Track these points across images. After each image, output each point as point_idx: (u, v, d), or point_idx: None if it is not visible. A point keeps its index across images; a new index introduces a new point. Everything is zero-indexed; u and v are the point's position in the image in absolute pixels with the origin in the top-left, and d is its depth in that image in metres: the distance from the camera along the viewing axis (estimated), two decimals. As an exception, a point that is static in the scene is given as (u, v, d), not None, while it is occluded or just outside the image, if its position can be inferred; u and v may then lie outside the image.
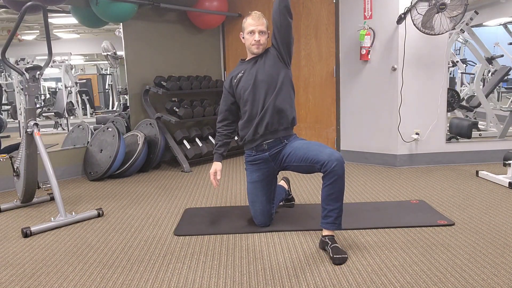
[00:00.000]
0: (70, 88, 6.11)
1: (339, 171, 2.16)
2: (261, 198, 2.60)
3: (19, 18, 2.83)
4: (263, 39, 2.47)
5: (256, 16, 2.47)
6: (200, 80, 5.06)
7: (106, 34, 5.88)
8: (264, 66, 2.48)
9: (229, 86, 2.61)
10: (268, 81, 2.46)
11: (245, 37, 2.52)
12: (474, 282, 1.89)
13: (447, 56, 4.15)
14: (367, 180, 3.82)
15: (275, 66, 2.47)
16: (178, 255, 2.31)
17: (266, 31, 2.49)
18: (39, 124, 3.04)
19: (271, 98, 2.45)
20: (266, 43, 2.51)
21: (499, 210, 2.87)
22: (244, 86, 2.51)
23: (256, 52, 2.50)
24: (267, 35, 2.50)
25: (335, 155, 2.18)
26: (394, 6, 4.03)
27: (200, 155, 4.67)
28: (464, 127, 4.67)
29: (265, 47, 2.52)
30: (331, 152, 2.21)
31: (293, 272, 2.05)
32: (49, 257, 2.34)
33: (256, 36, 2.45)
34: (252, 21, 2.46)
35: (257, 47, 2.47)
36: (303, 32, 4.77)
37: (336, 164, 2.15)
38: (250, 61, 2.56)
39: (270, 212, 2.64)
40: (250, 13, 2.51)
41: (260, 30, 2.45)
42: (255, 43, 2.46)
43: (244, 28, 2.51)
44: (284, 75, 2.48)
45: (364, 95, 4.38)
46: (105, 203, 3.35)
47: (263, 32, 2.47)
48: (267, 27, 2.49)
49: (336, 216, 2.23)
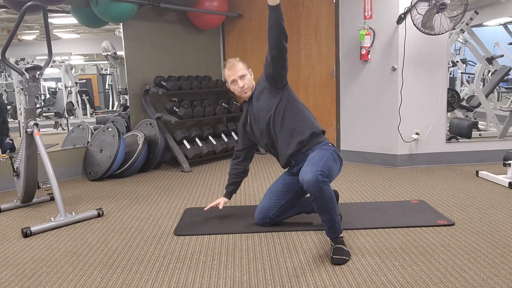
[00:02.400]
0: (70, 88, 6.12)
1: (313, 192, 2.13)
2: (270, 195, 2.62)
3: (19, 18, 2.83)
4: (246, 82, 2.48)
5: (231, 65, 2.48)
6: (200, 80, 5.06)
7: (106, 34, 5.88)
8: (259, 106, 2.48)
9: (245, 131, 2.65)
10: (269, 120, 2.45)
11: (230, 87, 2.53)
12: (474, 282, 1.89)
13: (447, 56, 4.15)
14: (367, 180, 3.82)
15: (271, 100, 2.45)
16: (178, 255, 2.31)
17: (247, 71, 2.49)
18: (39, 124, 3.04)
19: (279, 132, 2.45)
20: (252, 82, 2.51)
21: (499, 210, 2.87)
22: (256, 133, 2.56)
23: (246, 96, 2.53)
24: (249, 74, 2.50)
25: (307, 176, 2.12)
26: (394, 6, 4.03)
27: (200, 155, 4.67)
28: (464, 127, 4.67)
29: (252, 87, 2.52)
30: (305, 172, 2.15)
31: (293, 272, 2.05)
32: (49, 257, 2.34)
33: (239, 84, 2.46)
34: (229, 72, 2.48)
35: (244, 92, 2.50)
36: (303, 32, 4.77)
37: (307, 187, 2.13)
38: (249, 102, 2.57)
39: (267, 214, 2.60)
40: (225, 64, 2.53)
41: (240, 75, 2.46)
42: (241, 90, 2.48)
43: (226, 80, 2.54)
44: (281, 101, 2.44)
45: (364, 95, 4.38)
46: (105, 203, 3.35)
47: (244, 76, 2.47)
48: (245, 67, 2.50)
49: (329, 227, 2.23)
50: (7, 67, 6.36)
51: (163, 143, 4.54)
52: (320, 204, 2.16)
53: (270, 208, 2.61)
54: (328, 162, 2.27)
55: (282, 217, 2.66)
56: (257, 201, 3.20)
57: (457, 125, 4.79)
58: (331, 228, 2.23)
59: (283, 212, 2.64)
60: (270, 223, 2.64)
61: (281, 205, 2.60)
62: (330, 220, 2.20)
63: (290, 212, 2.67)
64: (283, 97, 2.45)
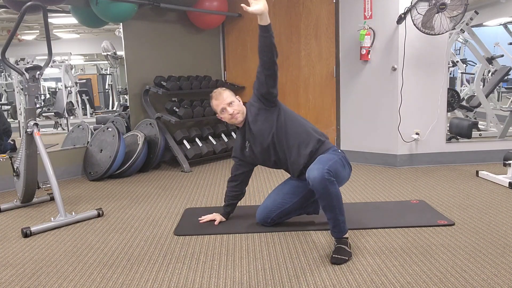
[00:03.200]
0: (70, 88, 6.12)
1: (319, 189, 2.13)
2: (276, 197, 2.61)
3: (19, 18, 2.83)
4: (235, 108, 2.47)
5: (217, 94, 2.50)
6: (200, 80, 5.06)
7: (106, 34, 5.89)
8: (258, 130, 2.47)
9: (244, 156, 2.61)
10: (273, 138, 2.44)
11: (221, 116, 2.52)
12: (474, 282, 1.89)
13: (447, 56, 4.15)
14: (367, 180, 3.82)
15: (269, 118, 2.45)
16: (178, 255, 2.31)
17: (234, 99, 2.49)
18: (39, 124, 3.04)
19: (286, 147, 2.45)
20: (241, 107, 2.50)
21: (499, 210, 2.87)
22: (259, 155, 2.53)
23: (238, 123, 2.51)
24: (237, 99, 2.51)
25: (313, 173, 2.14)
26: (394, 6, 4.03)
27: (200, 155, 4.67)
28: (464, 127, 4.67)
29: (243, 111, 2.50)
30: (312, 169, 2.17)
31: (293, 272, 2.05)
32: (49, 257, 2.34)
33: (228, 111, 2.46)
34: (216, 101, 2.48)
35: (235, 118, 2.48)
36: (303, 32, 4.77)
37: (313, 184, 2.13)
38: (244, 126, 2.54)
39: (270, 215, 2.59)
40: (211, 95, 2.53)
41: (228, 102, 2.46)
42: (231, 117, 2.47)
43: (215, 110, 2.53)
44: (279, 116, 2.45)
45: (364, 95, 4.38)
46: (105, 203, 3.35)
47: (232, 103, 2.47)
48: (232, 94, 2.51)
49: (333, 225, 2.23)
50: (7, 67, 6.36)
51: (163, 143, 4.54)
52: (325, 202, 2.17)
53: (274, 209, 2.59)
54: (336, 165, 2.28)
55: (284, 219, 2.65)
56: (258, 201, 3.20)
57: (457, 125, 4.79)
58: (335, 227, 2.23)
59: (286, 214, 2.62)
60: (272, 223, 2.62)
61: (285, 207, 2.57)
62: (335, 219, 2.20)
63: (293, 214, 2.66)
64: (280, 112, 2.46)
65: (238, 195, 2.74)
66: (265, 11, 2.20)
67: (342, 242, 2.22)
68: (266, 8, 2.19)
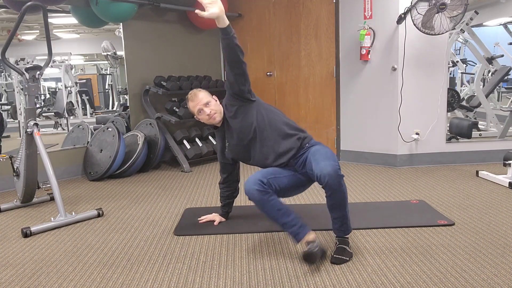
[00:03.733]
0: (70, 88, 6.12)
1: (333, 185, 2.08)
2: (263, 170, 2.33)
3: (19, 18, 2.83)
4: (212, 108, 2.42)
5: (193, 95, 2.46)
6: (200, 80, 5.06)
7: (106, 34, 5.88)
8: (237, 127, 2.42)
9: (224, 159, 2.60)
10: (255, 131, 2.38)
11: (198, 118, 2.48)
12: (474, 282, 1.89)
13: (447, 56, 4.15)
14: (367, 180, 3.82)
15: (245, 117, 2.39)
16: (178, 255, 2.31)
17: (211, 99, 2.46)
18: (39, 124, 3.04)
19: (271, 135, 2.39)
20: (218, 107, 2.46)
21: (499, 210, 2.87)
22: (241, 152, 2.48)
23: (216, 122, 2.47)
24: (213, 99, 2.48)
25: (327, 169, 2.07)
26: (394, 6, 4.03)
27: (200, 155, 4.67)
28: (464, 127, 4.67)
29: (220, 111, 2.45)
30: (324, 165, 2.11)
31: (293, 272, 2.05)
32: (49, 257, 2.34)
33: (205, 111, 2.41)
34: (192, 103, 2.45)
35: (213, 118, 2.43)
36: (303, 32, 4.77)
37: (328, 180, 2.06)
38: (222, 126, 2.51)
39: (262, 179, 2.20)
40: (187, 97, 2.49)
41: (204, 103, 2.42)
42: (209, 117, 2.43)
43: (193, 112, 2.49)
44: (258, 109, 2.40)
45: (364, 95, 4.38)
46: (105, 203, 3.35)
47: (208, 103, 2.43)
48: (209, 95, 2.47)
49: (341, 223, 2.22)
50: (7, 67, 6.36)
51: (163, 143, 4.54)
52: (337, 199, 2.14)
53: (266, 174, 2.26)
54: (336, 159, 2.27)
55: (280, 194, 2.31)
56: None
57: (457, 125, 4.79)
58: (343, 226, 2.22)
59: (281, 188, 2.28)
60: (266, 188, 2.18)
61: (278, 177, 2.29)
62: (343, 216, 2.20)
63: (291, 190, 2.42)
64: (259, 107, 2.42)
65: (231, 194, 2.74)
66: (221, 14, 2.12)
67: (344, 243, 2.22)
68: (222, 11, 2.12)
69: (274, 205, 2.17)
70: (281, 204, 2.18)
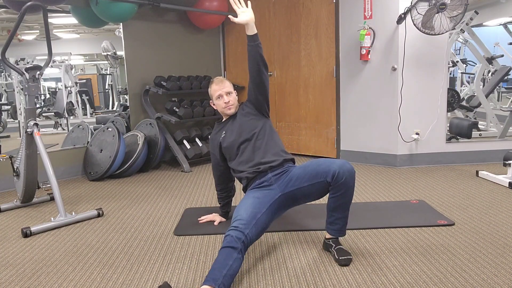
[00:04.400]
0: (70, 88, 6.11)
1: (350, 182, 2.10)
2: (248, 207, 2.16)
3: (19, 18, 2.83)
4: (232, 99, 2.51)
5: (219, 81, 2.54)
6: (200, 80, 5.06)
7: (106, 34, 5.88)
8: (243, 123, 2.47)
9: (216, 148, 2.58)
10: (253, 135, 2.43)
11: (215, 103, 2.56)
12: (474, 282, 1.89)
13: (447, 56, 4.15)
14: (367, 180, 3.82)
15: (253, 121, 2.47)
16: (178, 255, 2.31)
17: (233, 90, 2.54)
18: (39, 124, 3.04)
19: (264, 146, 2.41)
20: (236, 101, 2.55)
21: (499, 210, 2.87)
22: (230, 142, 2.48)
23: (229, 113, 2.53)
24: (234, 93, 2.55)
25: (346, 166, 2.11)
26: (394, 6, 4.03)
27: (200, 155, 4.67)
28: (464, 127, 4.67)
29: (236, 106, 2.54)
30: (342, 163, 2.14)
31: (293, 272, 2.05)
32: (49, 257, 2.34)
33: (224, 99, 2.49)
34: (216, 87, 2.52)
35: (228, 108, 2.50)
36: (303, 32, 4.77)
37: (348, 176, 2.09)
38: (228, 120, 2.57)
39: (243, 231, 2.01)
40: (212, 81, 2.57)
41: (226, 91, 2.50)
42: (225, 106, 2.50)
43: (212, 95, 2.55)
44: (264, 125, 2.48)
45: (364, 95, 4.38)
46: (105, 203, 3.35)
47: (230, 93, 2.51)
48: (232, 87, 2.55)
49: (343, 224, 2.22)
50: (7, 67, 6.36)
51: (163, 143, 4.54)
52: (347, 197, 2.15)
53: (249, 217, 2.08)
54: None
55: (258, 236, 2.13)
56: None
57: (457, 125, 4.79)
58: (345, 226, 2.23)
59: (261, 230, 2.12)
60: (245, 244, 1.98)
61: (258, 218, 2.10)
62: (346, 217, 2.21)
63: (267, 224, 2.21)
64: (266, 124, 2.49)
65: (228, 194, 2.75)
66: (251, 21, 2.32)
67: (339, 243, 2.23)
68: (252, 18, 2.32)
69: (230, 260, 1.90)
70: (234, 268, 1.89)
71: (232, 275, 1.86)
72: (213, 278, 1.80)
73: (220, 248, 1.94)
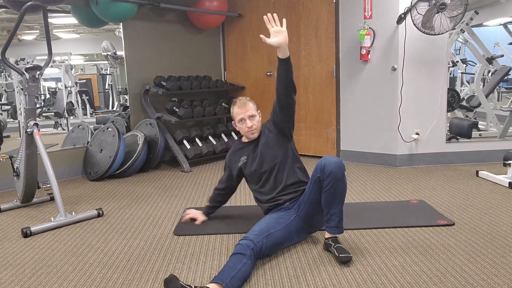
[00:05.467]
0: (70, 88, 6.12)
1: (337, 173, 2.13)
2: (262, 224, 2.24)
3: (19, 18, 2.83)
4: (255, 124, 2.44)
5: (242, 103, 2.45)
6: (200, 80, 5.06)
7: (106, 34, 5.89)
8: (264, 152, 2.45)
9: (234, 167, 2.60)
10: (274, 166, 2.43)
11: (237, 126, 2.49)
12: (474, 282, 1.89)
13: (447, 56, 4.15)
14: (367, 180, 3.82)
15: (275, 149, 2.44)
16: (178, 255, 2.31)
17: (256, 113, 2.47)
18: (39, 124, 3.04)
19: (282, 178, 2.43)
20: (259, 125, 2.49)
21: (499, 210, 2.87)
22: (251, 171, 2.50)
23: (252, 137, 2.49)
24: (258, 116, 2.48)
25: (332, 158, 2.17)
26: (394, 6, 4.03)
27: (200, 155, 4.67)
28: (464, 127, 4.68)
29: (260, 129, 2.50)
30: (329, 157, 2.20)
31: (293, 272, 2.05)
32: (49, 257, 2.34)
33: (247, 123, 2.43)
34: (239, 110, 2.44)
35: (251, 133, 2.46)
36: (303, 32, 4.77)
37: (333, 167, 2.12)
38: (250, 144, 2.53)
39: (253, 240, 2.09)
40: (235, 101, 2.49)
41: (249, 115, 2.43)
42: (248, 130, 2.44)
43: (234, 117, 2.48)
44: (287, 150, 2.45)
45: (364, 95, 4.38)
46: (105, 203, 3.35)
47: (253, 116, 2.44)
48: (255, 109, 2.47)
49: (338, 220, 2.22)
50: (7, 67, 6.36)
51: (163, 143, 4.54)
52: (338, 190, 2.16)
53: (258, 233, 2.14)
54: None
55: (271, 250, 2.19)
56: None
57: (457, 125, 4.79)
58: (340, 221, 2.23)
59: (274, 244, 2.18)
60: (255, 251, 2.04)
61: (270, 232, 2.17)
62: (341, 212, 2.22)
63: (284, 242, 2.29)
64: (288, 151, 2.46)
65: (222, 200, 2.80)
66: (284, 44, 2.17)
67: (338, 242, 2.22)
68: (286, 41, 2.17)
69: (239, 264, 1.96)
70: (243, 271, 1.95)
71: (240, 278, 1.89)
72: (221, 278, 1.85)
73: (230, 255, 2.01)
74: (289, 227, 2.27)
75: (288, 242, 2.31)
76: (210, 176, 4.23)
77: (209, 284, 1.82)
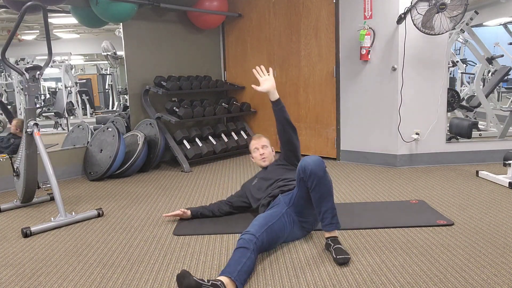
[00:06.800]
0: (70, 88, 6.12)
1: (318, 172, 2.20)
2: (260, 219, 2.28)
3: (19, 18, 2.83)
4: (266, 152, 2.85)
5: (257, 137, 2.94)
6: (200, 80, 5.06)
7: (106, 34, 5.89)
8: (272, 170, 2.78)
9: (247, 185, 2.91)
10: (273, 182, 2.67)
11: (252, 155, 2.92)
12: (474, 282, 1.89)
13: (447, 56, 4.15)
14: (367, 180, 3.82)
15: (282, 170, 2.75)
16: (178, 255, 2.31)
17: (268, 145, 2.89)
18: (39, 124, 3.04)
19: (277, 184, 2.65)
20: (271, 156, 2.88)
21: (499, 210, 2.87)
22: (255, 186, 2.80)
23: (264, 165, 2.86)
24: (269, 147, 2.89)
25: (311, 158, 2.26)
26: (394, 6, 4.03)
27: (200, 155, 4.67)
28: (464, 127, 4.67)
29: (271, 159, 2.87)
30: (308, 157, 2.29)
31: (293, 272, 2.05)
32: (49, 257, 2.34)
33: (260, 151, 2.85)
34: (254, 141, 2.91)
35: (263, 160, 2.85)
36: (303, 32, 4.77)
37: (313, 167, 2.21)
38: (263, 170, 2.88)
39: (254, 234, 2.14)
40: (253, 137, 2.98)
41: (262, 145, 2.87)
42: (260, 157, 2.85)
43: (250, 149, 2.94)
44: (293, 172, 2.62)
45: (364, 95, 4.38)
46: (105, 203, 3.35)
47: (265, 146, 2.87)
48: (268, 142, 2.90)
49: (331, 216, 2.23)
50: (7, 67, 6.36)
51: (163, 143, 4.54)
52: (323, 188, 2.20)
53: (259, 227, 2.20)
54: None
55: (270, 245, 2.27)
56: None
57: (457, 125, 4.79)
58: (334, 217, 2.24)
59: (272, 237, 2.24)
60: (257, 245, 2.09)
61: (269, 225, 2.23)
62: (332, 208, 2.23)
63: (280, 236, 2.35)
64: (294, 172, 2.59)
65: (217, 211, 2.90)
66: (272, 89, 2.61)
67: (338, 242, 2.22)
68: (273, 86, 2.62)
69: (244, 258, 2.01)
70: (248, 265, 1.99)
71: (246, 271, 1.96)
72: (229, 271, 1.91)
73: (233, 250, 2.05)
74: (284, 218, 2.35)
75: (283, 234, 2.34)
76: (210, 176, 4.23)
77: (219, 277, 1.88)
